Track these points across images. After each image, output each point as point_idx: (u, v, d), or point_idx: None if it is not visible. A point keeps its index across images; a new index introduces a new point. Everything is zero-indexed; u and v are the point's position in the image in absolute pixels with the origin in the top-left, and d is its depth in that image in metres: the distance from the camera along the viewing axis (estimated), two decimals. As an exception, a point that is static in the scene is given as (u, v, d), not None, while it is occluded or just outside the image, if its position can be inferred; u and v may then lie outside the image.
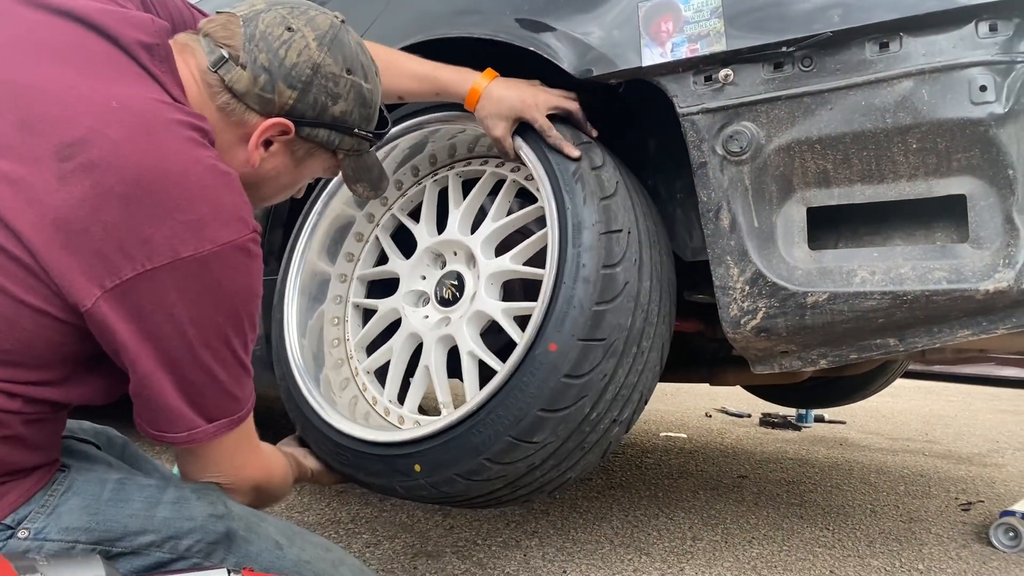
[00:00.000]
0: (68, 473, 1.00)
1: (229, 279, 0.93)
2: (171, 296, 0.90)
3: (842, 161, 1.19)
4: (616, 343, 1.26)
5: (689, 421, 3.82)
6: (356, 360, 1.59)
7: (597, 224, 1.26)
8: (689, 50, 1.23)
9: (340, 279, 1.65)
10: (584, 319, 1.22)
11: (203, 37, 1.04)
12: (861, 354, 1.23)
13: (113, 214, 0.87)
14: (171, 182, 0.90)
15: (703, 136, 1.25)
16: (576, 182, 1.28)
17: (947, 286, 1.12)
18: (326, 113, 1.07)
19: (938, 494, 2.50)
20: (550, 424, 1.24)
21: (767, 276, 1.22)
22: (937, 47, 1.12)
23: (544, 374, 1.22)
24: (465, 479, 1.28)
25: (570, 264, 1.24)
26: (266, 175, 1.11)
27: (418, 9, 1.53)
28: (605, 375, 1.26)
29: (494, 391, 1.25)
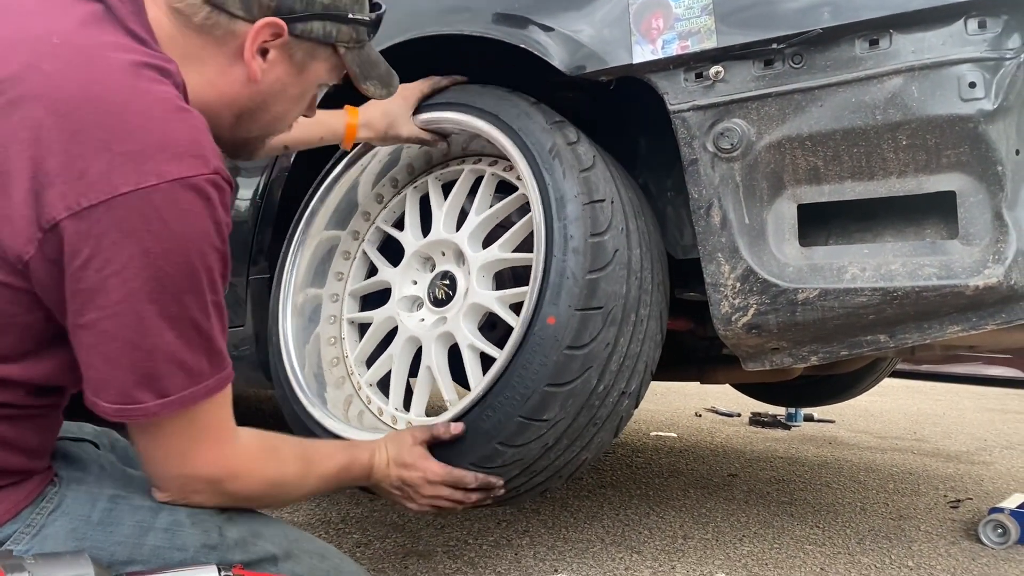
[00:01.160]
0: (58, 488, 0.94)
1: (179, 222, 0.82)
2: (110, 239, 0.79)
3: (832, 158, 1.19)
4: (614, 310, 1.24)
5: (679, 420, 3.83)
6: (357, 375, 1.57)
7: (580, 196, 1.25)
8: (680, 47, 1.23)
9: (332, 299, 1.64)
10: (579, 289, 1.21)
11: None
12: (852, 350, 1.24)
13: (42, 149, 0.79)
14: (110, 111, 0.81)
15: (694, 133, 1.25)
16: (554, 158, 1.28)
17: (937, 282, 1.13)
18: (315, 3, 0.99)
19: (927, 492, 2.51)
20: (559, 399, 1.22)
21: (758, 273, 1.22)
22: (926, 44, 1.12)
23: (546, 349, 1.20)
24: (481, 467, 1.26)
25: (558, 237, 1.23)
26: (272, 89, 1.02)
27: (408, 7, 1.52)
28: (607, 344, 1.25)
29: (499, 373, 1.24)
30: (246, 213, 1.77)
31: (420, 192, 1.59)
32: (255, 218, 1.75)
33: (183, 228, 0.82)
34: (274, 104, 1.04)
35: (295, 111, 1.08)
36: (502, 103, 1.38)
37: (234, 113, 1.00)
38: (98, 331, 0.82)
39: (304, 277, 1.62)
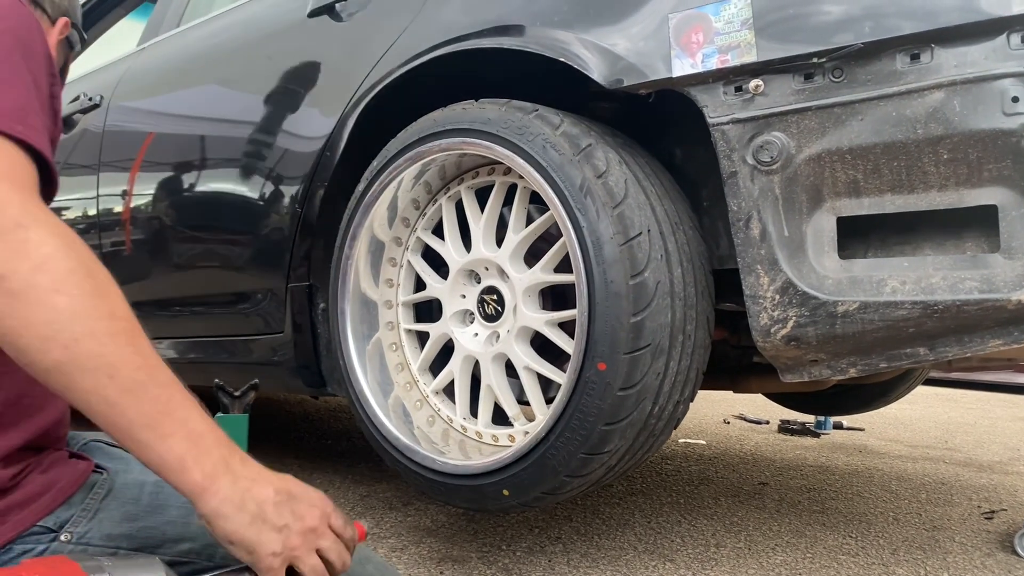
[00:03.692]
0: (107, 475, 1.00)
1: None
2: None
3: (872, 171, 1.19)
4: (661, 342, 1.28)
5: (707, 427, 3.82)
6: (423, 383, 1.64)
7: (616, 236, 1.27)
8: (719, 61, 1.24)
9: (387, 305, 1.68)
10: (624, 333, 1.24)
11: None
12: (891, 363, 1.24)
13: None
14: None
15: (733, 146, 1.26)
16: (585, 196, 1.29)
17: (978, 296, 1.13)
18: (75, 12, 1.23)
19: (960, 502, 2.49)
20: (617, 433, 1.29)
21: (797, 285, 1.23)
22: (969, 58, 1.12)
23: (600, 393, 1.25)
24: (551, 494, 1.36)
25: (598, 282, 1.26)
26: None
27: (447, 20, 1.54)
28: (658, 373, 1.30)
29: (557, 416, 1.31)
30: (285, 222, 1.80)
31: (454, 200, 1.61)
32: (294, 227, 1.77)
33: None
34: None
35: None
36: (526, 132, 1.37)
37: None
38: None
39: (357, 285, 1.66)
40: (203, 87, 2.17)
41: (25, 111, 0.76)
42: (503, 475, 1.37)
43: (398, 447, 1.54)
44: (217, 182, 2.05)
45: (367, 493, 2.26)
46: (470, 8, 1.54)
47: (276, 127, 1.88)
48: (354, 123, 1.68)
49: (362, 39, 1.73)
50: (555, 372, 1.42)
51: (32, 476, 0.91)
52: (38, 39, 0.89)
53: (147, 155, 2.25)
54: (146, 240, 2.25)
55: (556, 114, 1.39)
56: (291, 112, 1.85)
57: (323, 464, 2.68)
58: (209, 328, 2.11)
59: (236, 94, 2.05)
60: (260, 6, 2.11)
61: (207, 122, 2.10)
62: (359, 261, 1.64)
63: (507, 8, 1.48)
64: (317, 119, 1.77)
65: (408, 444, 1.52)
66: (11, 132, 0.74)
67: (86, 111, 2.50)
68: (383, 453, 1.58)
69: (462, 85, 1.59)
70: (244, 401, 1.79)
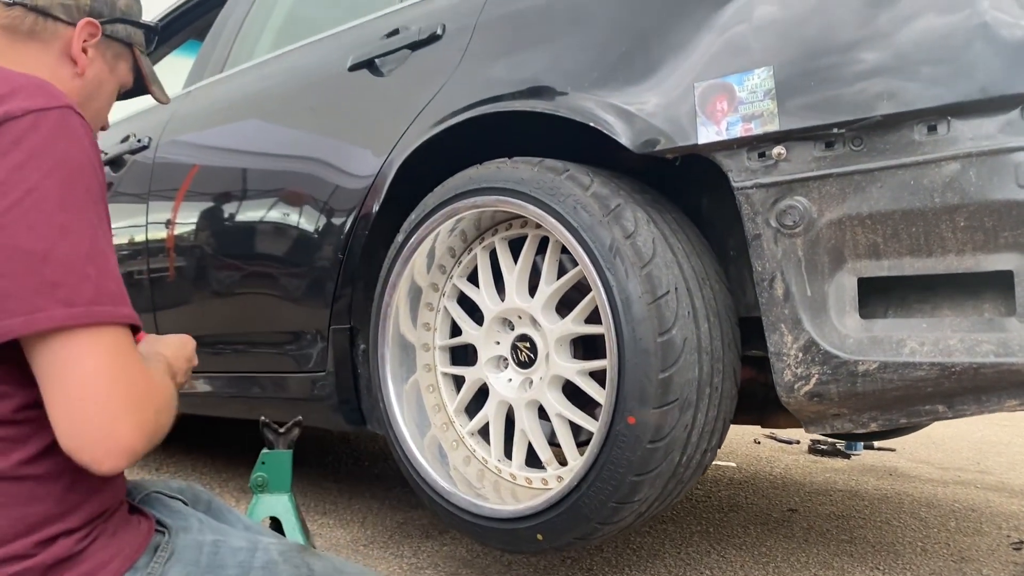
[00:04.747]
0: (169, 537, 1.05)
1: (50, 143, 0.86)
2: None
3: (892, 235, 1.24)
4: (689, 396, 1.35)
5: (738, 448, 3.85)
6: (459, 425, 1.71)
7: (644, 295, 1.33)
8: (744, 129, 1.30)
9: (424, 348, 1.76)
10: (653, 388, 1.30)
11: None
12: (911, 419, 1.29)
13: None
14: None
15: (757, 209, 1.31)
16: (615, 257, 1.36)
17: (994, 359, 1.17)
18: (116, 8, 1.19)
19: (989, 531, 2.51)
20: (646, 483, 1.35)
21: (820, 344, 1.28)
22: (984, 131, 1.17)
23: (630, 446, 1.32)
24: (582, 539, 1.43)
25: (628, 339, 1.32)
26: (93, 84, 1.19)
27: (482, 81, 1.62)
28: (686, 426, 1.36)
29: (588, 466, 1.38)
30: (329, 267, 1.88)
31: (488, 249, 1.68)
32: (337, 273, 1.86)
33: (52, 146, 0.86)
34: (96, 99, 1.20)
35: (107, 109, 1.25)
36: (557, 193, 1.44)
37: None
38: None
39: (397, 329, 1.74)
40: (248, 138, 2.26)
41: (120, 284, 0.89)
42: (537, 520, 1.44)
43: (435, 488, 1.61)
44: (265, 234, 2.14)
45: (404, 520, 2.33)
46: (503, 70, 1.61)
47: (320, 179, 1.96)
48: (394, 175, 1.76)
49: (401, 95, 1.80)
50: (586, 419, 1.48)
51: (99, 541, 0.95)
52: (82, 150, 0.88)
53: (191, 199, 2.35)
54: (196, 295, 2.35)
55: (587, 174, 1.45)
56: (333, 164, 1.93)
57: (360, 488, 2.76)
58: (254, 364, 2.20)
59: (281, 147, 2.13)
60: (302, 56, 2.20)
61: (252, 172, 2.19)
62: (399, 306, 1.72)
63: (538, 71, 1.55)
64: (359, 171, 1.86)
65: (445, 486, 1.59)
66: (126, 320, 0.87)
67: (135, 152, 2.61)
68: (420, 493, 1.66)
69: (499, 133, 1.66)
70: (289, 437, 1.87)
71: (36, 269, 0.82)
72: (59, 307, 0.82)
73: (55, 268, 0.82)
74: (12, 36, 1.10)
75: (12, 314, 0.81)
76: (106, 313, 0.84)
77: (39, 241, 0.82)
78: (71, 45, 1.13)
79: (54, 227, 0.83)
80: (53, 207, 0.84)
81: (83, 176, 0.88)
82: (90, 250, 0.85)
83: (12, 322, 0.81)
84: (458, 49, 1.72)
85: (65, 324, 0.82)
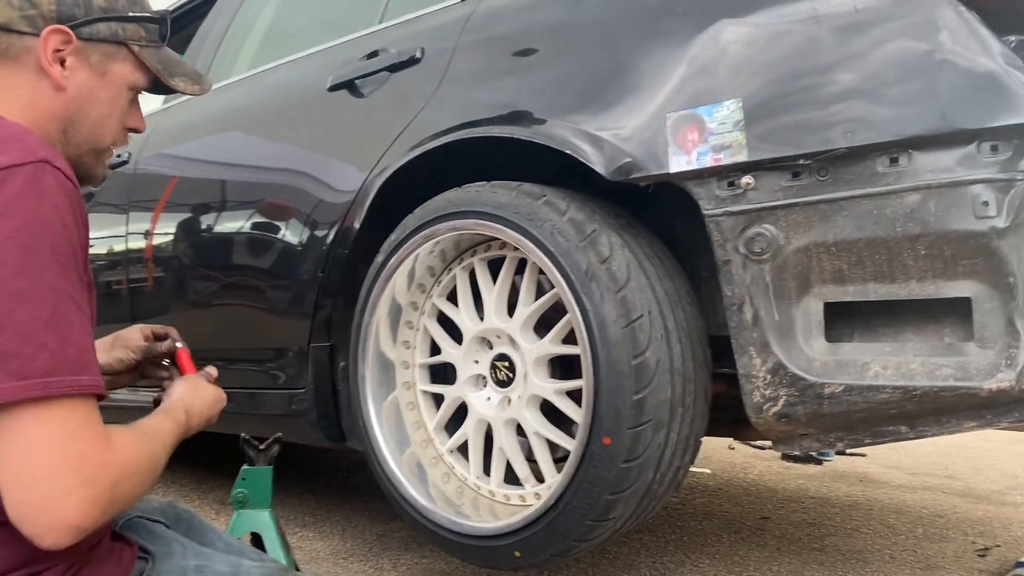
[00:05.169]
0: (152, 563, 1.08)
1: (16, 205, 0.84)
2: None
3: (856, 262, 1.29)
4: (662, 416, 1.39)
5: (712, 454, 3.91)
6: (438, 442, 1.74)
7: (618, 319, 1.37)
8: (713, 160, 1.34)
9: (404, 366, 1.79)
10: (628, 410, 1.34)
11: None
12: (875, 439, 1.33)
13: None
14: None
15: (727, 236, 1.36)
16: (590, 281, 1.39)
17: (954, 383, 1.22)
18: (92, 7, 1.07)
19: (955, 537, 2.57)
20: (621, 501, 1.39)
21: (787, 367, 1.33)
22: (943, 164, 1.22)
23: (605, 465, 1.36)
24: (559, 556, 1.47)
25: (603, 362, 1.36)
26: (81, 95, 1.09)
27: (460, 106, 1.65)
28: (659, 445, 1.40)
29: (565, 485, 1.41)
30: (309, 284, 1.91)
31: (468, 270, 1.71)
32: (316, 290, 1.88)
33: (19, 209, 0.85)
34: (90, 109, 1.09)
35: (115, 116, 1.13)
36: (535, 218, 1.47)
37: (58, 128, 1.07)
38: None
39: (377, 347, 1.77)
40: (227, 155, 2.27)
41: (84, 351, 0.86)
42: (515, 538, 1.47)
43: (414, 505, 1.64)
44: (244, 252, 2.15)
45: (383, 533, 2.36)
46: (481, 95, 1.64)
47: (300, 197, 1.98)
48: (373, 196, 1.78)
49: (380, 117, 1.83)
50: (563, 438, 1.52)
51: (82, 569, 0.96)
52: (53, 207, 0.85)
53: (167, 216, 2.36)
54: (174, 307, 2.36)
55: (563, 199, 1.49)
56: (315, 183, 1.96)
57: (340, 501, 2.78)
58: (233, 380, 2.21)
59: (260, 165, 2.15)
60: (282, 74, 2.22)
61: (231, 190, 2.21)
62: (379, 325, 1.75)
63: (516, 97, 1.59)
64: (339, 190, 1.88)
65: (424, 503, 1.62)
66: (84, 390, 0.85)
67: (114, 167, 2.61)
68: (399, 509, 1.68)
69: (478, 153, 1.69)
70: (269, 454, 1.89)
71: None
72: (10, 380, 0.80)
73: (9, 338, 0.81)
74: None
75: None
76: (61, 385, 0.83)
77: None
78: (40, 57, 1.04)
79: (11, 294, 0.81)
80: (11, 272, 0.82)
81: (49, 236, 0.85)
82: (50, 317, 0.83)
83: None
84: (437, 73, 1.75)
85: (15, 399, 0.81)
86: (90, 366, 0.87)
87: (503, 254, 1.63)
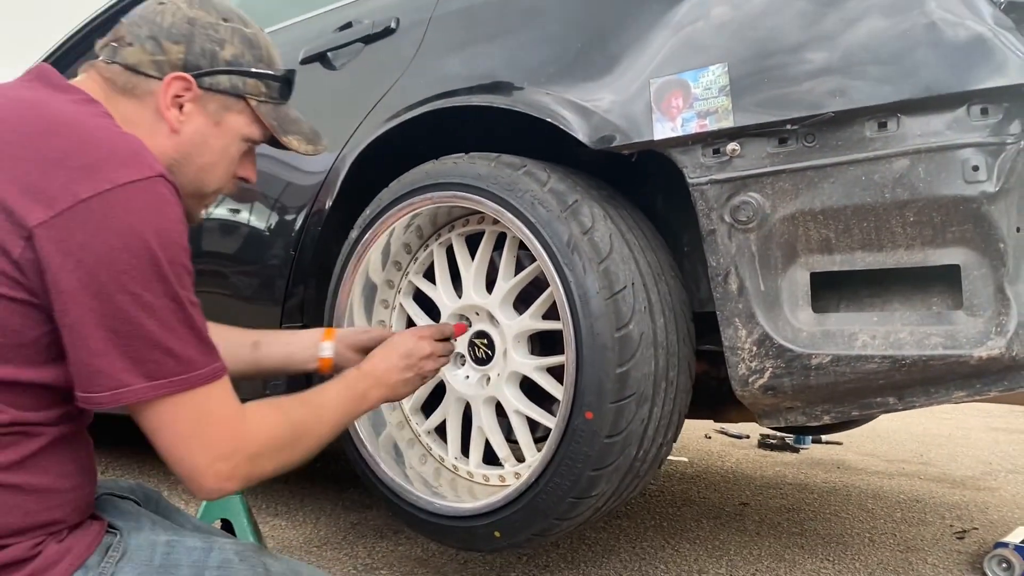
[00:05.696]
0: (120, 537, 1.04)
1: (137, 218, 0.91)
2: (77, 241, 0.88)
3: (843, 231, 1.26)
4: (645, 390, 1.35)
5: (689, 443, 3.89)
6: (415, 423, 1.69)
7: (601, 291, 1.33)
8: (698, 125, 1.31)
9: None
10: (611, 384, 1.30)
11: (97, 52, 1.14)
12: (863, 411, 1.31)
13: (6, 174, 0.90)
14: (62, 133, 0.94)
15: (712, 205, 1.33)
16: (572, 252, 1.36)
17: (943, 352, 1.20)
18: (217, 58, 1.12)
19: (933, 521, 2.57)
20: (604, 478, 1.35)
21: (774, 338, 1.30)
22: (932, 128, 1.19)
23: (587, 441, 1.32)
24: (540, 536, 1.42)
25: (586, 335, 1.32)
26: (194, 140, 1.13)
27: (437, 75, 1.60)
28: (643, 420, 1.36)
29: (546, 462, 1.37)
30: (280, 265, 1.85)
31: (445, 246, 1.67)
32: (288, 271, 1.82)
33: (142, 224, 0.91)
34: (198, 155, 1.14)
35: (222, 164, 1.18)
36: (515, 189, 1.43)
37: (166, 166, 1.07)
38: (81, 327, 0.90)
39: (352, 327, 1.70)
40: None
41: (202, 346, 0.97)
42: (494, 518, 1.43)
43: (391, 487, 1.59)
44: (212, 231, 2.09)
45: (358, 521, 2.30)
46: (459, 65, 1.60)
47: (270, 174, 1.93)
48: (347, 171, 1.73)
49: (354, 89, 1.78)
50: (544, 415, 1.48)
51: (48, 543, 0.96)
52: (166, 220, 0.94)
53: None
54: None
55: (544, 169, 1.45)
56: (284, 159, 1.90)
57: (313, 489, 2.72)
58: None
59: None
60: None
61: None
62: (353, 304, 1.69)
63: (494, 66, 1.54)
64: (311, 166, 1.83)
65: (401, 484, 1.58)
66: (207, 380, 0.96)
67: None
68: (375, 492, 1.64)
69: (456, 127, 1.65)
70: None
71: (123, 347, 0.90)
72: (142, 381, 0.92)
73: (141, 346, 0.91)
74: (114, 90, 1.10)
75: (101, 388, 0.91)
76: (187, 380, 0.94)
77: (123, 323, 0.90)
78: (160, 99, 1.10)
79: (140, 305, 0.91)
80: (138, 284, 0.91)
81: (170, 246, 0.93)
82: (173, 322, 0.93)
83: (100, 396, 0.91)
84: (412, 43, 1.70)
85: (150, 397, 0.93)
86: (209, 356, 0.97)
87: (481, 228, 1.59)
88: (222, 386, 0.99)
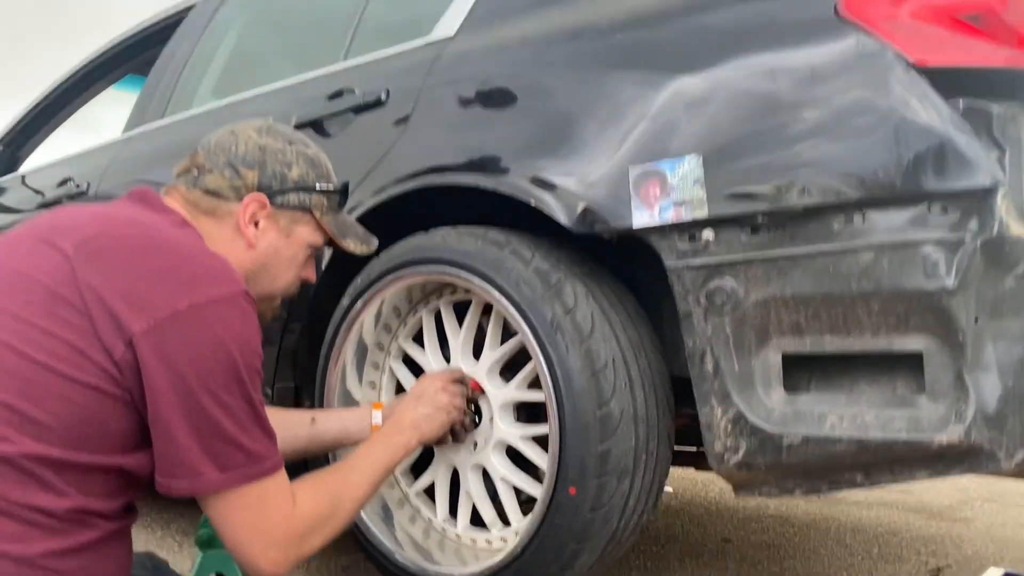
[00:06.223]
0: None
1: (224, 329, 1.06)
2: (173, 346, 1.02)
3: (813, 316, 1.32)
4: (626, 465, 1.41)
5: (674, 472, 3.95)
6: (404, 484, 1.73)
7: (583, 369, 1.39)
8: (675, 215, 1.37)
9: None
10: (593, 460, 1.36)
11: (176, 178, 1.31)
12: (832, 487, 1.37)
13: (116, 284, 1.04)
14: (163, 252, 1.10)
15: (688, 288, 1.39)
16: (555, 331, 1.41)
17: (906, 436, 1.26)
18: (287, 179, 1.30)
19: (909, 557, 2.64)
20: (586, 549, 1.41)
21: (748, 417, 1.36)
22: (895, 224, 1.25)
23: (571, 514, 1.38)
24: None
25: (568, 411, 1.38)
26: (268, 252, 1.31)
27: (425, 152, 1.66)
28: (624, 493, 1.42)
29: (531, 534, 1.42)
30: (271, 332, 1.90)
31: (434, 311, 1.72)
32: (281, 334, 1.88)
33: (228, 334, 1.06)
34: (273, 265, 1.33)
35: (292, 270, 1.38)
36: (501, 268, 1.49)
37: (242, 276, 1.21)
38: (168, 422, 1.03)
39: (343, 388, 1.76)
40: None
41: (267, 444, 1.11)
42: None
43: (380, 548, 1.64)
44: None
45: (348, 564, 2.35)
46: (447, 142, 1.65)
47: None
48: (338, 238, 1.78)
49: (345, 158, 1.83)
50: (530, 483, 1.54)
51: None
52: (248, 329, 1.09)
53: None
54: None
55: (528, 247, 1.50)
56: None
57: (305, 528, 2.76)
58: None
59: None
60: (245, 108, 2.21)
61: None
62: (345, 367, 1.75)
63: (481, 145, 1.60)
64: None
65: (389, 546, 1.63)
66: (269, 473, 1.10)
67: (72, 197, 2.58)
68: (364, 551, 1.69)
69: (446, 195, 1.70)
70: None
71: (203, 442, 1.04)
72: (216, 472, 1.05)
73: (217, 441, 1.04)
74: (197, 212, 1.26)
75: (180, 476, 1.05)
76: (253, 474, 1.07)
77: (204, 420, 1.03)
78: (240, 218, 1.27)
79: (220, 405, 1.04)
80: (221, 387, 1.04)
81: (248, 354, 1.07)
82: (245, 423, 1.06)
83: (179, 483, 1.06)
84: (402, 116, 1.76)
85: (220, 487, 1.06)
86: (271, 452, 1.11)
87: (469, 297, 1.65)
88: (280, 476, 1.13)
